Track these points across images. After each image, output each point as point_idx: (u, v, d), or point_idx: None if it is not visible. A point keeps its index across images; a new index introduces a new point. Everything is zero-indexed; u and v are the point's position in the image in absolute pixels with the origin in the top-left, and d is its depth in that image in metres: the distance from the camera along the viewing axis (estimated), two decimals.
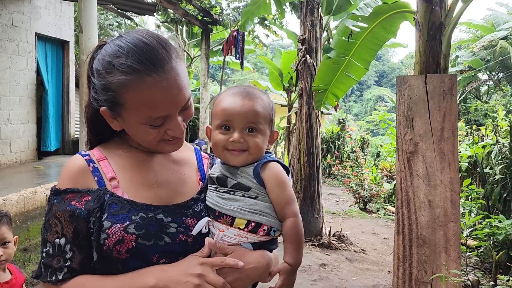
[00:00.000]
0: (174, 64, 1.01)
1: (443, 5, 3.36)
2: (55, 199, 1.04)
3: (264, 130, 1.12)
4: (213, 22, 10.16)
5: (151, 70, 0.98)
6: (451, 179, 2.90)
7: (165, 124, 1.04)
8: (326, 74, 5.16)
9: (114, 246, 0.98)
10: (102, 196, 1.02)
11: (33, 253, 4.34)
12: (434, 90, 3.02)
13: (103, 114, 1.06)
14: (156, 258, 1.01)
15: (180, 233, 1.04)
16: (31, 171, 6.74)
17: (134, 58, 0.98)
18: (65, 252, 1.00)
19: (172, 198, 1.09)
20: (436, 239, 2.87)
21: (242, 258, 1.02)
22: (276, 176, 1.09)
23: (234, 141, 1.08)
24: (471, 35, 19.03)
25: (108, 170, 1.07)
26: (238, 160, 1.09)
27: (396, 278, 2.95)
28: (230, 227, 1.07)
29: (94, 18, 5.41)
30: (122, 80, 0.98)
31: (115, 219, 1.00)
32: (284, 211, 1.08)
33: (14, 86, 7.16)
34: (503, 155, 5.85)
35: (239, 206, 1.07)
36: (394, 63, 50.27)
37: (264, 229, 1.07)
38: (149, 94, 0.98)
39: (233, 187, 1.09)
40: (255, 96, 1.12)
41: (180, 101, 1.03)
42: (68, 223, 1.01)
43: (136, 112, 1.01)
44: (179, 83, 1.01)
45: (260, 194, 1.08)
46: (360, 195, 9.39)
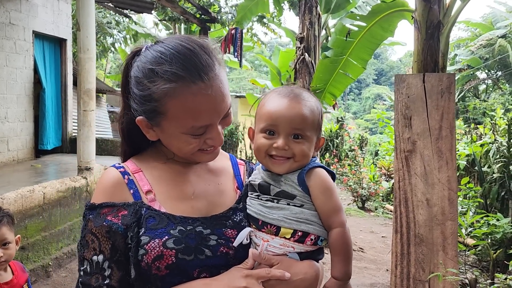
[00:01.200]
0: (218, 71, 0.97)
1: (442, 3, 3.36)
2: (91, 215, 1.00)
3: (311, 136, 1.05)
4: (211, 20, 10.14)
5: (196, 78, 0.93)
6: (449, 177, 2.90)
7: (206, 133, 1.00)
8: (324, 74, 5.16)
9: (153, 262, 0.93)
10: (139, 210, 0.98)
11: (31, 252, 4.33)
12: (432, 89, 3.01)
13: (139, 123, 1.02)
14: (197, 272, 0.96)
15: (220, 246, 0.99)
16: (29, 170, 6.72)
17: (178, 64, 0.93)
18: (103, 269, 0.96)
19: (210, 209, 1.05)
20: (434, 237, 2.87)
21: (289, 269, 0.97)
22: (322, 183, 1.02)
23: (278, 148, 1.01)
24: (470, 34, 19.04)
25: (144, 183, 1.03)
26: (282, 168, 1.03)
27: (394, 277, 2.95)
28: (275, 236, 1.00)
29: (92, 17, 5.39)
30: (166, 88, 0.94)
31: (153, 233, 0.95)
32: (330, 220, 1.02)
33: (11, 84, 7.14)
34: (501, 153, 5.86)
35: (284, 215, 1.00)
36: (393, 61, 50.31)
37: (312, 238, 1.01)
38: (194, 103, 0.94)
39: (277, 195, 1.02)
40: (303, 98, 1.04)
41: (223, 109, 0.99)
42: (106, 239, 0.96)
43: (178, 122, 0.97)
44: (223, 90, 0.97)
45: (305, 202, 1.02)
46: (359, 193, 9.39)
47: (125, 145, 1.12)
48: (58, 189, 4.84)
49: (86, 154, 5.44)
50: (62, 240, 4.90)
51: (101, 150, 8.28)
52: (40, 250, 4.51)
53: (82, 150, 5.42)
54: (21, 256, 4.19)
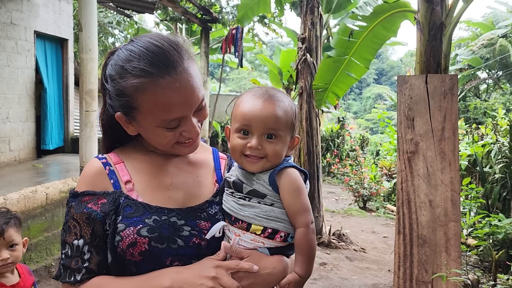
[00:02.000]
0: (186, 65, 1.02)
1: (444, 4, 3.35)
2: (73, 202, 1.06)
3: (284, 136, 1.08)
4: (212, 20, 10.14)
5: (164, 72, 0.98)
6: (452, 179, 2.90)
7: (180, 126, 1.04)
8: (327, 73, 5.16)
9: (127, 249, 0.99)
10: (117, 199, 1.03)
11: (34, 252, 4.33)
12: (435, 90, 3.02)
13: (119, 119, 1.07)
14: (170, 261, 1.01)
15: (193, 236, 1.04)
16: (30, 170, 6.73)
17: (146, 61, 0.98)
18: (83, 253, 1.02)
19: (186, 200, 1.09)
20: (437, 238, 2.87)
21: (258, 263, 1.02)
22: (290, 184, 1.06)
23: (252, 148, 1.05)
24: (471, 34, 19.02)
25: (124, 173, 1.08)
26: (255, 167, 1.06)
27: (397, 278, 2.96)
28: (246, 232, 1.05)
29: (93, 17, 5.39)
30: (136, 83, 0.99)
31: (128, 221, 1.01)
32: (295, 220, 1.05)
33: (13, 84, 7.15)
34: (503, 154, 5.86)
35: (255, 213, 1.05)
36: (393, 61, 50.27)
37: (281, 235, 1.05)
38: (163, 97, 0.99)
39: (249, 193, 1.06)
40: (276, 99, 1.07)
41: (194, 102, 1.03)
42: (86, 225, 1.02)
43: (151, 116, 1.02)
44: (192, 83, 1.02)
45: (275, 201, 1.06)
46: (360, 193, 9.39)
47: (106, 140, 1.18)
48: (60, 189, 4.85)
49: (88, 154, 5.44)
50: None
51: None
52: (43, 251, 4.52)
53: (84, 150, 5.42)
54: (23, 256, 4.19)
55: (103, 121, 1.15)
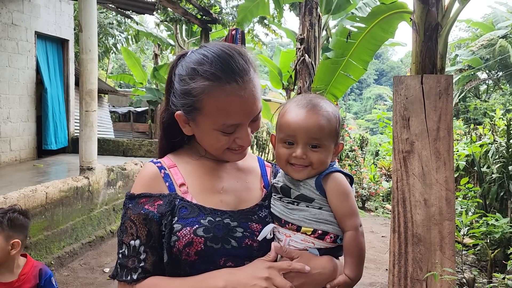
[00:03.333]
0: (252, 76, 1.07)
1: (440, 5, 3.38)
2: (130, 203, 1.09)
3: (329, 145, 1.10)
4: (212, 21, 10.18)
5: (232, 79, 1.03)
6: (446, 178, 2.93)
7: (235, 133, 1.08)
8: (325, 75, 5.19)
9: (184, 248, 1.02)
10: (173, 201, 1.07)
11: (34, 251, 4.37)
12: (430, 90, 3.05)
13: (178, 118, 1.12)
14: (223, 261, 1.04)
15: (245, 238, 1.07)
16: (31, 169, 6.77)
17: (217, 66, 1.04)
18: (139, 253, 1.05)
19: (237, 204, 1.13)
20: (431, 237, 2.90)
21: (309, 263, 1.04)
22: (337, 187, 1.08)
23: (297, 157, 1.07)
24: (471, 34, 19.05)
25: (178, 177, 1.12)
26: (301, 175, 1.09)
27: (391, 276, 2.99)
28: (296, 232, 1.07)
29: (94, 18, 5.43)
30: (204, 86, 1.04)
31: (185, 222, 1.04)
32: (343, 223, 1.07)
33: (13, 85, 7.19)
34: (500, 154, 5.88)
35: (304, 216, 1.07)
36: (394, 61, 50.28)
37: (331, 236, 1.07)
38: (227, 102, 1.04)
39: (297, 198, 1.09)
40: (320, 109, 1.09)
41: (254, 112, 1.08)
42: (142, 226, 1.06)
43: (211, 118, 1.06)
44: (255, 94, 1.07)
45: (324, 205, 1.08)
46: (359, 193, 9.42)
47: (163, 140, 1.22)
48: (60, 189, 4.89)
49: (88, 154, 5.48)
50: (64, 239, 4.95)
51: (103, 150, 8.33)
52: (43, 250, 4.55)
53: (84, 150, 5.46)
54: None
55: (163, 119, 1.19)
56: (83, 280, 4.54)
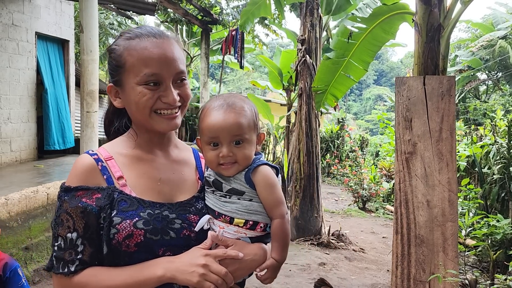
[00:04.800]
0: (172, 41, 1.16)
1: (442, 6, 3.38)
2: (66, 196, 1.10)
3: (251, 138, 1.17)
4: (213, 22, 10.18)
5: (151, 35, 1.13)
6: (449, 179, 2.93)
7: (159, 89, 1.12)
8: (326, 75, 5.18)
9: (124, 240, 1.05)
10: (111, 194, 1.09)
11: (35, 252, 4.36)
12: (433, 91, 3.05)
13: (109, 91, 1.18)
14: (162, 251, 1.09)
15: (184, 229, 1.12)
16: (31, 170, 6.76)
17: (139, 29, 1.16)
18: (76, 245, 1.06)
19: (174, 196, 1.18)
20: (434, 238, 2.90)
21: (242, 250, 1.12)
22: (265, 180, 1.15)
23: (224, 156, 1.14)
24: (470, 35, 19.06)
25: (115, 169, 1.14)
26: (230, 172, 1.16)
27: (394, 277, 2.99)
28: (229, 224, 1.15)
29: (94, 18, 5.43)
30: (124, 43, 1.14)
31: (124, 215, 1.07)
32: (271, 212, 1.16)
33: (14, 85, 7.18)
34: (501, 155, 5.88)
35: (236, 208, 1.15)
36: (393, 62, 50.30)
37: (261, 226, 1.16)
38: (145, 52, 1.11)
39: (228, 192, 1.16)
40: (235, 106, 1.16)
41: (173, 66, 1.13)
42: (80, 219, 1.07)
43: (132, 72, 1.12)
44: (173, 51, 1.14)
45: (253, 197, 1.16)
46: (359, 194, 9.42)
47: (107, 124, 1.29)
48: None
49: None
50: None
51: None
52: (44, 250, 4.54)
53: (85, 150, 5.45)
54: (25, 256, 4.23)
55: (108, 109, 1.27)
56: None
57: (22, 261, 4.19)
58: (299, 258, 5.44)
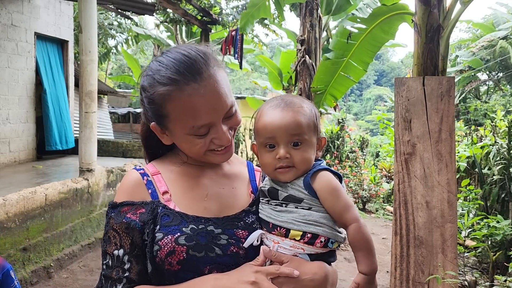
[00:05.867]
0: (213, 71, 1.03)
1: (441, 7, 3.37)
2: (112, 212, 1.06)
3: (310, 140, 1.08)
4: (212, 22, 10.17)
5: (189, 79, 1.00)
6: (448, 180, 2.91)
7: (210, 133, 1.05)
8: (325, 75, 5.17)
9: (166, 258, 0.99)
10: (155, 208, 1.04)
11: (33, 253, 4.35)
12: (432, 92, 3.03)
13: (153, 129, 1.10)
14: (208, 269, 1.01)
15: (231, 245, 1.03)
16: (30, 171, 6.75)
17: (173, 69, 1.01)
18: (123, 263, 1.02)
19: (222, 211, 1.10)
20: (433, 240, 2.88)
21: (299, 268, 1.00)
22: (328, 185, 1.05)
23: (281, 158, 1.05)
24: (471, 35, 19.05)
25: (161, 184, 1.09)
26: (287, 176, 1.07)
27: (393, 279, 2.97)
28: (285, 238, 1.04)
29: (94, 19, 5.42)
30: (163, 91, 1.02)
31: (166, 230, 1.01)
32: (343, 218, 1.04)
33: (13, 86, 7.17)
34: (501, 155, 5.87)
35: (293, 218, 1.04)
36: (394, 62, 50.30)
37: (321, 240, 1.04)
38: (189, 103, 1.00)
39: (285, 199, 1.06)
40: (294, 105, 1.08)
41: (222, 108, 1.03)
42: (125, 235, 1.03)
43: (180, 123, 1.04)
44: (219, 89, 1.02)
45: (313, 205, 1.05)
46: (359, 195, 9.40)
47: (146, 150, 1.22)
48: (59, 190, 4.87)
49: (88, 155, 5.46)
50: (64, 241, 4.92)
51: (102, 151, 8.31)
52: (42, 251, 4.53)
53: (84, 151, 5.44)
54: (22, 257, 4.21)
55: (142, 132, 1.18)
56: (83, 282, 4.52)
57: (20, 262, 4.18)
58: None
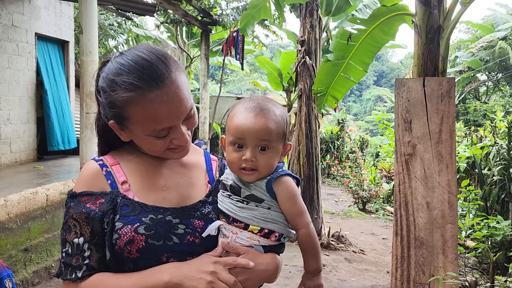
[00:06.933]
0: (174, 77, 1.06)
1: (442, 8, 3.38)
2: (72, 202, 1.10)
3: (277, 146, 1.13)
4: (212, 23, 10.18)
5: (152, 86, 1.03)
6: (449, 181, 2.92)
7: (169, 134, 1.09)
8: (325, 77, 5.18)
9: (125, 246, 1.04)
10: (115, 198, 1.08)
11: (34, 253, 4.36)
12: (432, 93, 3.04)
13: (112, 127, 1.12)
14: (166, 257, 1.06)
15: (187, 234, 1.09)
16: (31, 171, 6.75)
17: (135, 75, 1.03)
18: (83, 250, 1.06)
19: (180, 200, 1.14)
20: (434, 240, 2.89)
21: (254, 259, 1.08)
22: (287, 190, 1.12)
23: (247, 160, 1.10)
24: (471, 36, 19.06)
25: (120, 174, 1.13)
26: (251, 178, 1.12)
27: (394, 279, 2.98)
28: (243, 230, 1.11)
29: (94, 19, 5.42)
30: (126, 97, 1.04)
31: (126, 220, 1.05)
32: (295, 222, 1.13)
33: (14, 86, 7.17)
34: (501, 156, 5.88)
35: (254, 215, 1.11)
36: (393, 63, 50.30)
37: (276, 235, 1.12)
38: (152, 109, 1.03)
39: (247, 197, 1.12)
40: (268, 111, 1.12)
41: (182, 112, 1.08)
42: (85, 224, 1.07)
43: (141, 126, 1.07)
44: (180, 95, 1.06)
45: (272, 206, 1.12)
46: (359, 195, 9.41)
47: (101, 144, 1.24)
48: (61, 191, 4.88)
49: (89, 156, 5.46)
50: None
51: None
52: (43, 252, 4.54)
53: (85, 152, 5.44)
54: (24, 257, 4.22)
55: (98, 127, 1.20)
56: None
57: (21, 262, 4.18)
58: (298, 259, 5.42)
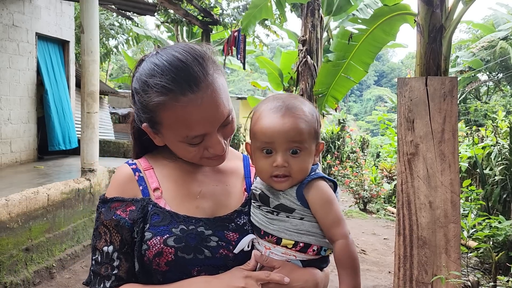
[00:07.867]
0: (211, 80, 0.98)
1: (444, 7, 3.37)
2: (103, 207, 1.05)
3: (309, 148, 1.01)
4: (213, 23, 10.17)
5: (186, 89, 0.95)
6: (452, 180, 2.91)
7: (204, 142, 1.01)
8: (326, 77, 5.18)
9: (154, 258, 0.98)
10: (145, 206, 1.02)
11: (35, 253, 4.35)
12: (435, 92, 3.03)
13: (145, 130, 1.06)
14: (196, 271, 0.99)
15: (220, 247, 1.01)
16: (32, 171, 6.75)
17: (168, 77, 0.96)
18: (112, 260, 1.01)
19: (215, 210, 1.06)
20: (437, 240, 2.88)
21: (290, 274, 0.97)
22: (320, 197, 1.00)
23: (278, 166, 0.98)
24: (471, 36, 19.06)
25: (153, 180, 1.06)
26: (283, 186, 1.01)
27: (397, 279, 2.97)
28: (276, 245, 1.00)
29: (95, 19, 5.42)
30: (158, 100, 0.97)
31: (155, 230, 0.99)
32: (331, 232, 0.99)
33: (14, 86, 7.17)
34: (503, 156, 5.87)
35: (285, 227, 1.00)
36: (394, 63, 50.32)
37: (314, 249, 1.01)
38: (184, 114, 0.96)
39: (276, 207, 1.01)
40: (296, 110, 1.00)
41: (218, 119, 0.99)
42: (115, 232, 1.01)
43: (173, 131, 1.00)
44: (216, 100, 0.98)
45: (305, 215, 1.00)
46: (360, 195, 9.40)
47: (135, 147, 1.17)
48: (62, 190, 4.87)
49: (90, 156, 5.46)
50: (66, 241, 4.93)
51: (104, 152, 8.31)
52: (44, 252, 4.53)
53: (86, 152, 5.44)
54: (25, 257, 4.21)
55: (133, 129, 1.14)
56: None
57: (22, 262, 4.18)
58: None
